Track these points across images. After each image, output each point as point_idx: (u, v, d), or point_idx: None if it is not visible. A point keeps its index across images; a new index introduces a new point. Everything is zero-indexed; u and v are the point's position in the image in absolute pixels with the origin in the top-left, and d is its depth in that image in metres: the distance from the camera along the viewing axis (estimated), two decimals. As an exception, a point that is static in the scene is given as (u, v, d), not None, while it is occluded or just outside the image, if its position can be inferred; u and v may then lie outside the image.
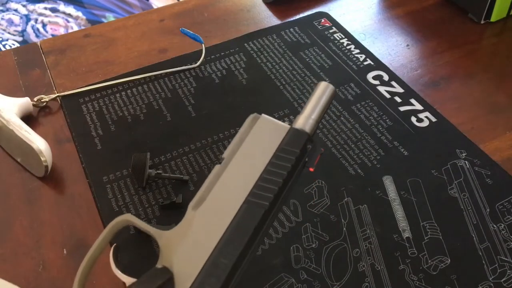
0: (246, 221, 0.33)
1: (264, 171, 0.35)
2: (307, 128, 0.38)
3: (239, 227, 0.33)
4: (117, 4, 1.52)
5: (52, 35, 1.36)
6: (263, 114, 0.38)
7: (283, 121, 0.58)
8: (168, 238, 0.34)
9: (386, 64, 0.65)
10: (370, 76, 0.63)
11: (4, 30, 1.35)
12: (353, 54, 0.67)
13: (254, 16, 0.74)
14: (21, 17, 1.38)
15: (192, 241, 0.33)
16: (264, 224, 0.34)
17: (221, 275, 0.32)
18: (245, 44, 0.68)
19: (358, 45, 0.68)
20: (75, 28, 1.40)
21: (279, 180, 0.35)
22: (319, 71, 0.64)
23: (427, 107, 0.59)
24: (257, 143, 0.37)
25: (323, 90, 0.39)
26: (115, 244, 0.38)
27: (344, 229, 0.47)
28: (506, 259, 0.45)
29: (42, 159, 0.51)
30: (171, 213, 0.49)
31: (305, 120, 0.38)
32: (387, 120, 0.58)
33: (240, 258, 0.33)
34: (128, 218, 0.37)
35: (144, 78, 0.63)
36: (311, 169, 0.38)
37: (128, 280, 0.35)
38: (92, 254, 0.36)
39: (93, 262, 0.37)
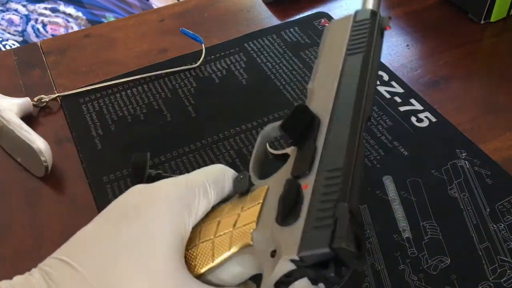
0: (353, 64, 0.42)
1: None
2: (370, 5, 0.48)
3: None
4: (117, 4, 1.52)
5: (52, 35, 1.36)
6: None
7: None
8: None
9: (386, 64, 0.65)
10: (370, 76, 0.63)
11: (4, 30, 1.35)
12: (353, 54, 0.66)
13: (254, 16, 0.74)
14: (21, 17, 1.38)
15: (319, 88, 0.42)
16: (367, 71, 0.41)
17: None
18: (245, 44, 0.68)
19: (358, 45, 0.68)
20: (75, 28, 1.40)
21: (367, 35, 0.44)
22: (319, 71, 0.64)
23: (427, 107, 0.59)
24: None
25: None
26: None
27: (344, 229, 0.47)
28: (506, 259, 0.45)
29: (42, 159, 0.51)
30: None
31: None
32: (387, 120, 0.58)
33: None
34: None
35: (144, 78, 0.63)
36: (388, 28, 0.47)
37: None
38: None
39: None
